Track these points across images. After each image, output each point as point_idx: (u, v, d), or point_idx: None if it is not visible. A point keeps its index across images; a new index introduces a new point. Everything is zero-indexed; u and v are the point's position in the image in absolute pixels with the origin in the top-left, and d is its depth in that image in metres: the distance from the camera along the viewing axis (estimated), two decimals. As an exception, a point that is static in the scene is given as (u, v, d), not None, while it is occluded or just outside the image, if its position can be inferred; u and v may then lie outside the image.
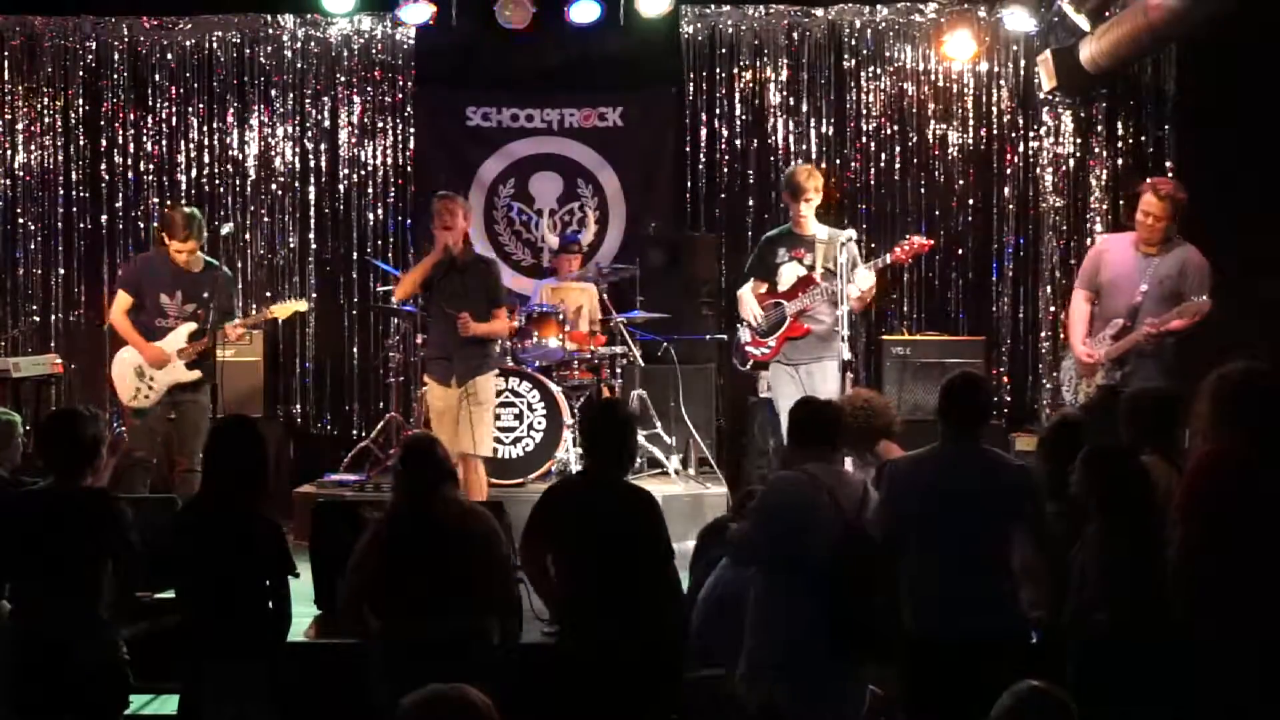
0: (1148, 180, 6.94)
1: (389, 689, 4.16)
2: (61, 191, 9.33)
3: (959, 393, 4.42)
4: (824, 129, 9.39)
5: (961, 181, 9.37)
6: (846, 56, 9.37)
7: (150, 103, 9.35)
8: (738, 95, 9.42)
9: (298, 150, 9.44)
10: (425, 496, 4.39)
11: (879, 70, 9.36)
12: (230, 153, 9.40)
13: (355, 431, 9.30)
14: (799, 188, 6.84)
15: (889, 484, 4.36)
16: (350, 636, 4.71)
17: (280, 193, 9.45)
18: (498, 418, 7.71)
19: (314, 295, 9.44)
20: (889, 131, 9.37)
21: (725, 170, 9.47)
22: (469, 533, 4.37)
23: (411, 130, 9.46)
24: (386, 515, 4.49)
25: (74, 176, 9.35)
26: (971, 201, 9.36)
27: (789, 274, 6.90)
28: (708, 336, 8.91)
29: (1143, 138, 9.02)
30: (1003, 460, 4.43)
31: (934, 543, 4.21)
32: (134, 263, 7.36)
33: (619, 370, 8.31)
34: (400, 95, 9.47)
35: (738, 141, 9.45)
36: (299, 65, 9.41)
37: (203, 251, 7.11)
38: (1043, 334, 9.29)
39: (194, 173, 9.38)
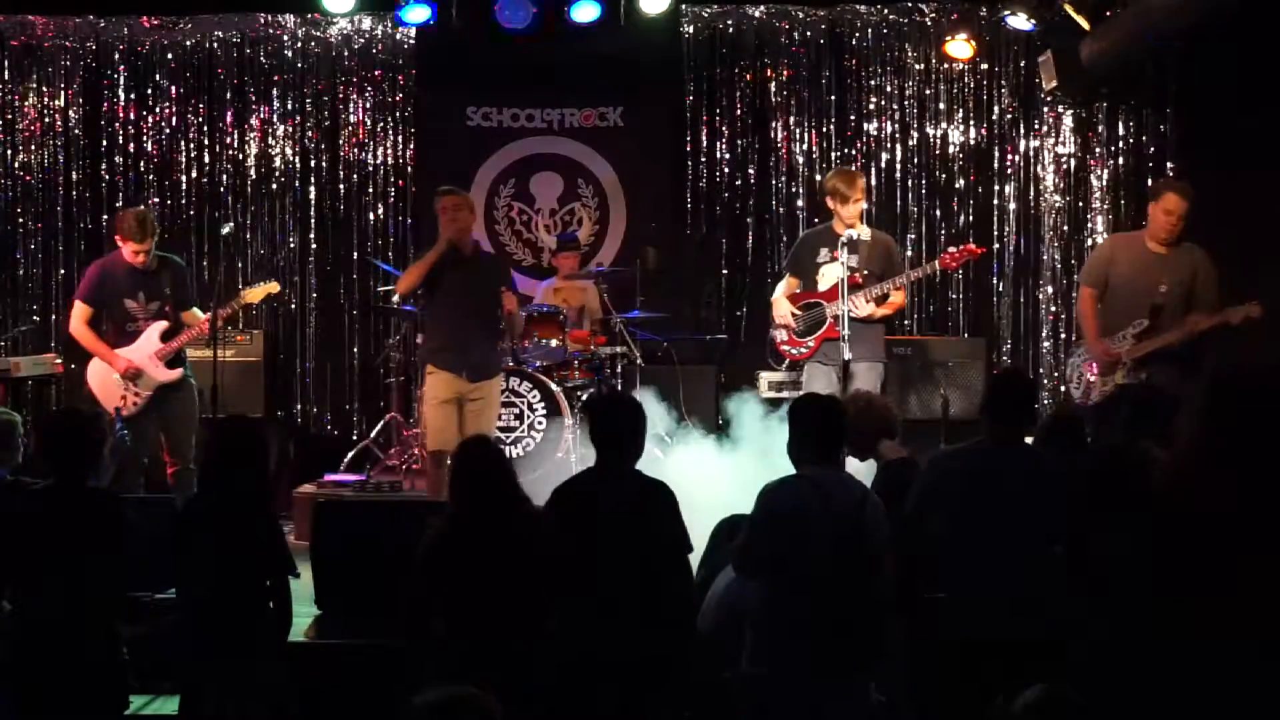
0: (1166, 179, 6.95)
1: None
2: (62, 191, 9.33)
3: (1006, 390, 4.40)
4: (824, 129, 9.39)
5: (962, 181, 9.37)
6: (847, 56, 9.37)
7: (150, 102, 9.36)
8: (738, 95, 9.43)
9: (298, 150, 9.44)
10: (491, 498, 4.36)
11: (879, 70, 9.37)
12: (230, 152, 9.40)
13: (355, 432, 9.30)
14: (845, 193, 6.83)
15: (928, 479, 4.33)
16: (401, 639, 4.63)
17: (280, 192, 9.45)
18: (499, 418, 7.72)
19: (314, 295, 9.44)
20: (889, 131, 9.37)
21: (725, 170, 9.47)
22: (536, 534, 4.34)
23: (412, 130, 9.47)
24: (451, 517, 4.39)
25: (74, 176, 9.35)
26: (972, 201, 9.36)
27: (830, 274, 6.89)
28: (708, 337, 8.91)
29: (1143, 138, 9.03)
30: (1043, 457, 4.40)
31: (976, 542, 4.19)
32: (92, 271, 7.19)
33: (619, 370, 8.31)
34: (400, 95, 9.47)
35: (738, 141, 9.45)
36: (299, 65, 9.41)
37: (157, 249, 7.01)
38: (1043, 334, 9.28)
39: (194, 173, 9.38)
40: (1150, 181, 8.79)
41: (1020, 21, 8.61)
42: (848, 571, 4.06)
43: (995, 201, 9.34)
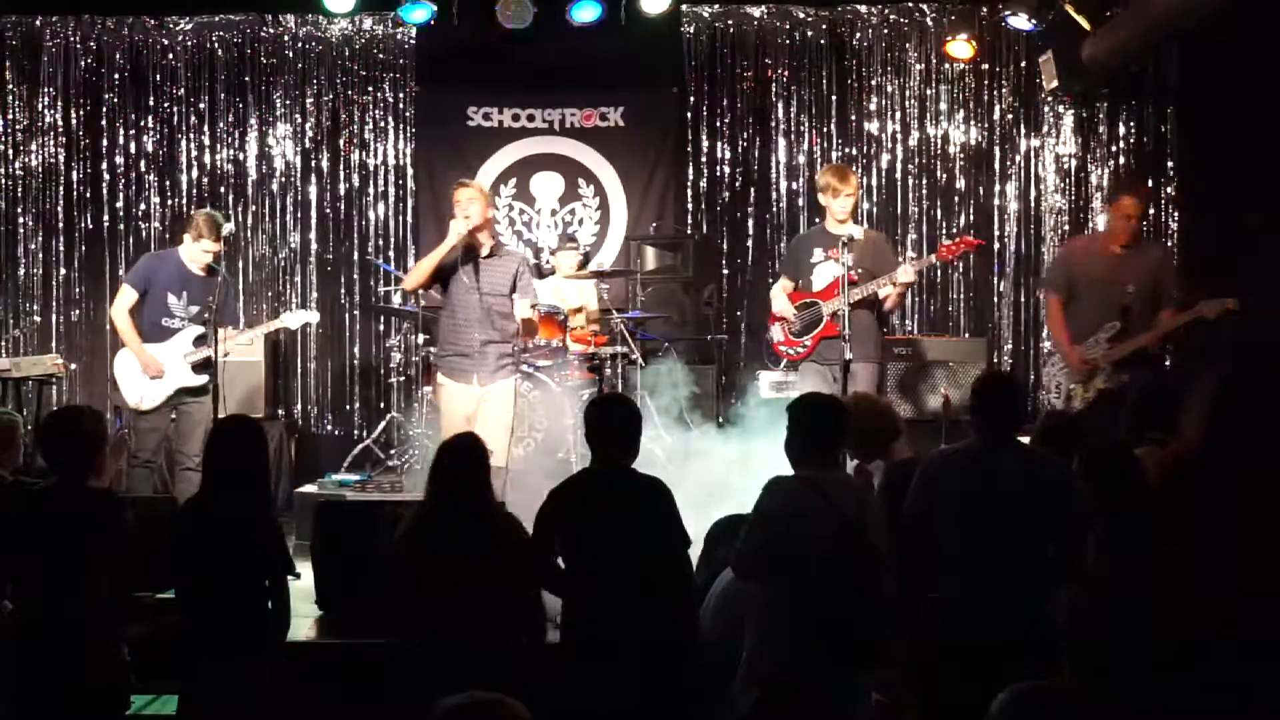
0: (1121, 184, 7.03)
1: (430, 687, 4.16)
2: (62, 191, 9.34)
3: (994, 390, 4.41)
4: (825, 129, 9.39)
5: (963, 181, 9.37)
6: (848, 56, 9.37)
7: (151, 102, 9.36)
8: (739, 95, 9.42)
9: (299, 150, 9.44)
10: (462, 495, 4.35)
11: (880, 70, 9.36)
12: (231, 152, 9.40)
13: (357, 432, 9.30)
14: (836, 187, 6.83)
15: (926, 480, 4.33)
16: (383, 636, 4.65)
17: (281, 192, 9.45)
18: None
19: (314, 295, 9.44)
20: (890, 131, 9.37)
21: (726, 170, 9.47)
22: (499, 533, 4.34)
23: (412, 130, 9.47)
24: (424, 511, 4.43)
25: (75, 176, 9.35)
26: (972, 201, 9.36)
27: (825, 273, 6.90)
28: (709, 336, 8.90)
29: (1144, 137, 9.03)
30: (1041, 457, 4.41)
31: (974, 542, 4.19)
32: (146, 259, 7.34)
33: (620, 370, 8.30)
34: (401, 95, 9.47)
35: (739, 141, 9.45)
36: (300, 65, 9.41)
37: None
38: (1043, 334, 9.27)
39: (195, 172, 9.38)
40: (1150, 181, 8.81)
41: (1021, 21, 8.60)
42: (848, 573, 4.05)
43: (996, 201, 9.34)
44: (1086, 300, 6.68)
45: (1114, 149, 9.10)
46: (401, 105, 9.47)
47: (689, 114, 9.43)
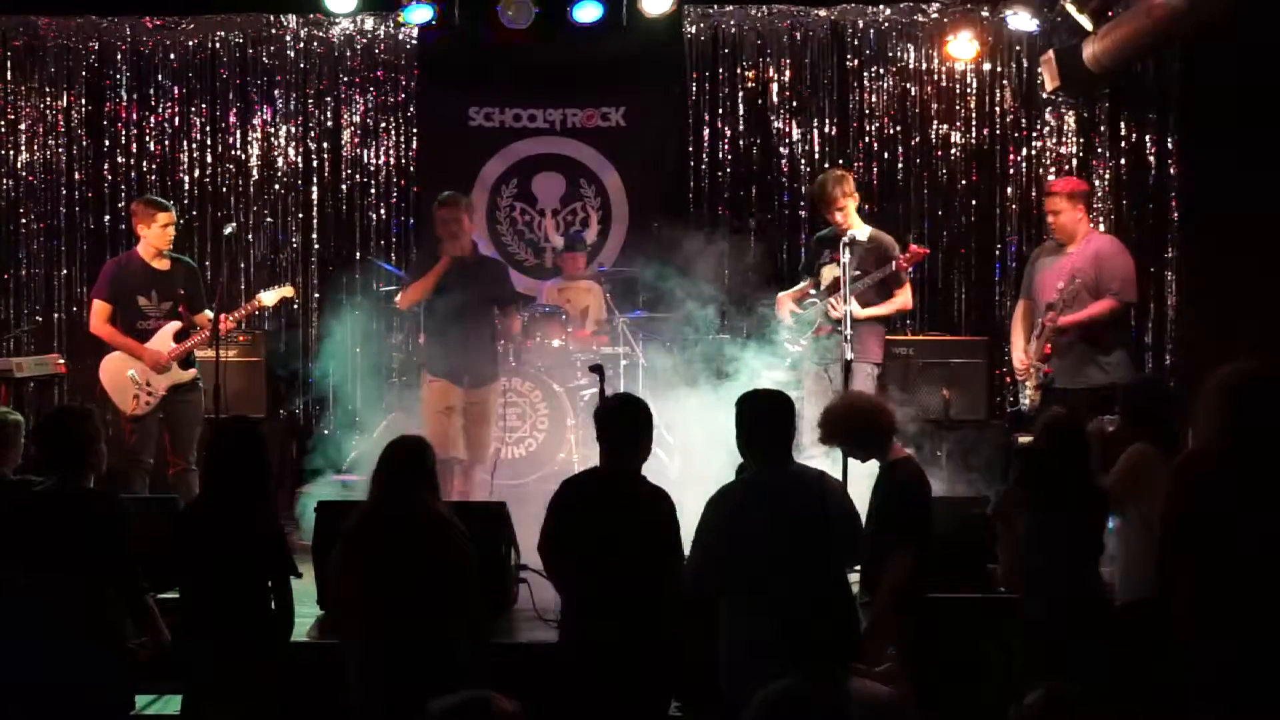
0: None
1: (361, 689, 4.20)
2: (64, 191, 9.34)
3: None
4: (827, 129, 9.38)
5: (964, 182, 9.35)
6: (849, 56, 9.36)
7: (153, 103, 9.36)
8: (740, 95, 9.42)
9: (300, 150, 9.44)
10: (398, 499, 4.37)
11: (882, 70, 9.35)
12: (233, 153, 9.40)
13: (357, 432, 9.28)
14: (827, 199, 6.93)
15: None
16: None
17: (283, 193, 9.45)
18: (502, 418, 7.71)
19: (316, 295, 9.44)
20: (892, 132, 9.36)
21: (728, 170, 9.46)
22: (436, 536, 4.35)
23: (414, 130, 9.46)
24: (358, 516, 4.46)
25: (77, 176, 9.35)
26: (974, 202, 9.35)
27: (828, 275, 7.00)
28: (710, 336, 8.89)
29: (1146, 138, 9.01)
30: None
31: None
32: (108, 269, 7.26)
33: (622, 370, 8.29)
34: (403, 95, 9.47)
35: (740, 141, 9.44)
36: (301, 65, 9.41)
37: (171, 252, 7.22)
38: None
39: (196, 173, 9.38)
40: (1152, 182, 8.81)
41: (1023, 21, 8.61)
42: (812, 572, 4.01)
43: (998, 202, 9.33)
44: (1036, 303, 6.85)
45: (1115, 149, 9.09)
46: (403, 105, 9.47)
47: (690, 114, 9.42)
